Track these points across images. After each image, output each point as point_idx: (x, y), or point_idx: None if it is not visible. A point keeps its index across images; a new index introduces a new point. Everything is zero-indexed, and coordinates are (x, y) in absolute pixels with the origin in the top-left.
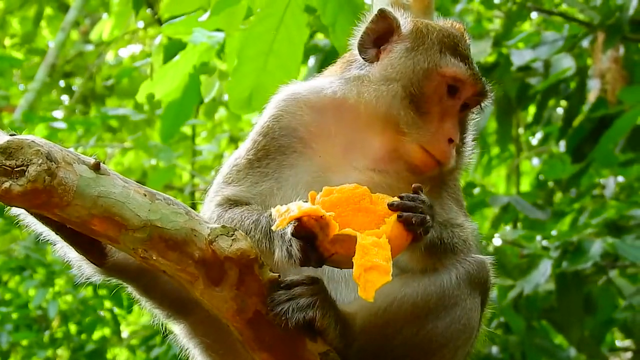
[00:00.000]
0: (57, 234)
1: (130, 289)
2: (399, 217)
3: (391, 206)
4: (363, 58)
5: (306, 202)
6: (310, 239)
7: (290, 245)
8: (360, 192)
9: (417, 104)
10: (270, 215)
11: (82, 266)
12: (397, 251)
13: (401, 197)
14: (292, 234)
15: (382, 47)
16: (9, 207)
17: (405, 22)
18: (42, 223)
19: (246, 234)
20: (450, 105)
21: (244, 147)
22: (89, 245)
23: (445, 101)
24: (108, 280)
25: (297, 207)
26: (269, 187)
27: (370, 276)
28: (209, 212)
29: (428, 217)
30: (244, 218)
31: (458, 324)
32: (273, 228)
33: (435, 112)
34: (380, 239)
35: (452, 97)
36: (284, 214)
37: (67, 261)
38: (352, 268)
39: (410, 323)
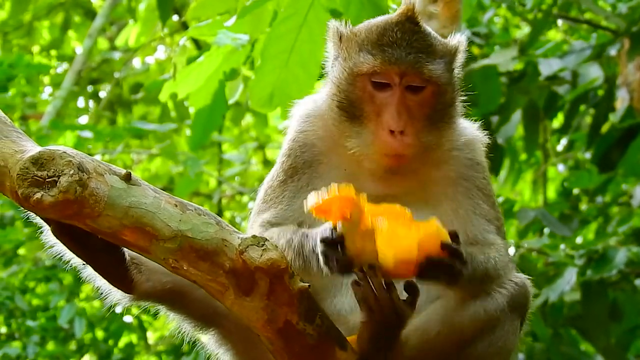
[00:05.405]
0: (84, 264)
1: (158, 307)
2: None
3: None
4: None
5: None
6: (339, 242)
7: (320, 254)
8: (400, 210)
9: (351, 113)
10: (304, 234)
11: (112, 292)
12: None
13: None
14: (321, 240)
15: None
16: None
17: (345, 30)
18: (72, 251)
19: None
20: (387, 96)
21: (275, 170)
22: (117, 276)
23: (379, 96)
24: (137, 305)
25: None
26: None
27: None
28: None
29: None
30: (279, 237)
31: (495, 347)
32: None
33: (371, 111)
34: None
35: (383, 90)
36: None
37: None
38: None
39: (453, 347)
